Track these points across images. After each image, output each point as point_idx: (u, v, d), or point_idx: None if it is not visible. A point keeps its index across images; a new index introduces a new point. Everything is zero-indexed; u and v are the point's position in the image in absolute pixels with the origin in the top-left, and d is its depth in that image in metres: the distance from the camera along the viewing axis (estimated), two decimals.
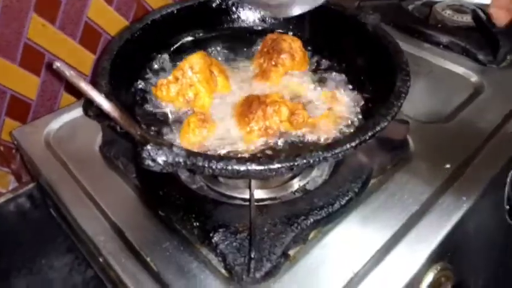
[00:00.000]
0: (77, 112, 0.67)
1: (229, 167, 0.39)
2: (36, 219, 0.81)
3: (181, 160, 0.39)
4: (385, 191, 0.55)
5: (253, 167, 0.39)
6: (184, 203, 0.50)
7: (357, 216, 0.52)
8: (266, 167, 0.39)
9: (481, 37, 0.82)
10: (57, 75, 0.75)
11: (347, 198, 0.51)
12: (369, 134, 0.42)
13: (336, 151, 0.40)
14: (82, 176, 0.58)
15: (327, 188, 0.53)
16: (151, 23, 0.59)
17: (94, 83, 0.48)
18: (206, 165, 0.39)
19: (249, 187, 0.47)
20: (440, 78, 0.76)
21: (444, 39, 0.83)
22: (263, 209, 0.50)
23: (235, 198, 0.54)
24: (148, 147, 0.38)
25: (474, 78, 0.76)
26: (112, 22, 0.78)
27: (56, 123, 0.66)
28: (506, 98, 0.70)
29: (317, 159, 0.39)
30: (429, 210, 0.52)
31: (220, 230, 0.47)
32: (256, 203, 0.49)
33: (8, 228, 0.79)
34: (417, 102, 0.67)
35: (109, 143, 0.59)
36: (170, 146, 0.39)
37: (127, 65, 0.54)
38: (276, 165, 0.39)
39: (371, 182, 0.56)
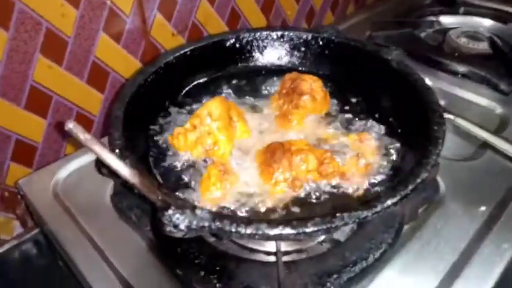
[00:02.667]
0: (86, 159, 0.63)
1: (260, 232, 0.35)
2: (43, 266, 0.78)
3: (205, 224, 0.36)
4: (420, 239, 0.51)
5: (286, 231, 0.35)
6: (204, 262, 0.46)
7: (392, 269, 0.48)
8: (300, 231, 0.35)
9: (500, 65, 0.79)
10: (65, 117, 0.73)
11: (381, 250, 0.47)
12: (410, 187, 0.38)
13: (377, 210, 0.36)
14: (91, 229, 0.55)
15: (357, 239, 0.49)
16: (164, 65, 0.56)
17: (108, 134, 0.45)
18: (234, 230, 0.35)
19: (276, 246, 0.43)
20: (462, 111, 0.73)
21: (462, 68, 0.81)
22: (291, 266, 0.46)
23: (259, 251, 0.50)
24: (170, 212, 0.34)
25: (498, 109, 0.73)
26: (120, 60, 0.76)
27: (64, 172, 0.62)
28: None
29: (356, 219, 0.36)
30: (469, 261, 0.49)
31: None
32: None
33: (14, 276, 0.76)
34: None
35: (121, 193, 0.55)
36: (193, 208, 0.36)
37: (141, 111, 0.52)
38: (312, 229, 0.35)
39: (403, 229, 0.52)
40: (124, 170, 0.34)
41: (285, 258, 0.47)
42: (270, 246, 0.49)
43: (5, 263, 0.74)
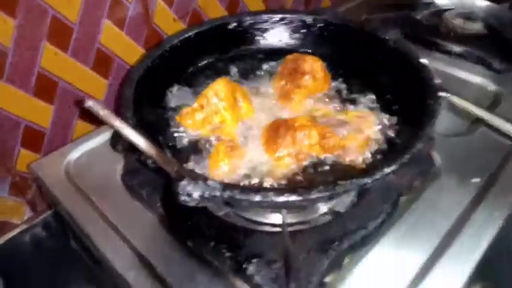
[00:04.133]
0: (96, 141, 0.66)
1: (268, 199, 0.38)
2: (53, 249, 0.79)
3: (217, 194, 0.38)
4: (416, 211, 0.54)
5: (292, 198, 0.38)
6: (213, 233, 0.49)
7: (390, 238, 0.51)
8: (305, 197, 0.38)
9: (494, 45, 0.81)
10: (71, 103, 0.75)
11: (379, 220, 0.50)
12: (407, 156, 0.41)
13: (376, 177, 0.39)
14: (104, 207, 0.57)
15: (357, 210, 0.52)
16: (169, 49, 0.58)
17: (119, 114, 0.47)
18: (243, 198, 0.38)
19: (282, 218, 0.45)
20: (457, 89, 0.75)
21: (457, 48, 0.83)
22: (295, 235, 0.48)
23: (265, 224, 0.53)
24: (184, 182, 0.37)
25: (491, 87, 0.75)
26: (123, 47, 0.77)
27: (74, 154, 0.65)
28: None
29: (357, 186, 0.38)
30: (462, 230, 0.51)
31: (254, 260, 0.46)
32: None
33: (25, 259, 0.77)
34: None
35: (132, 172, 0.58)
36: (205, 179, 0.38)
37: (149, 93, 0.54)
38: (316, 195, 0.38)
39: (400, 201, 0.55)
40: (142, 142, 0.36)
41: (289, 229, 0.50)
42: (276, 218, 0.52)
43: (16, 246, 0.75)
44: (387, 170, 0.39)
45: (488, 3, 0.96)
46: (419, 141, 0.42)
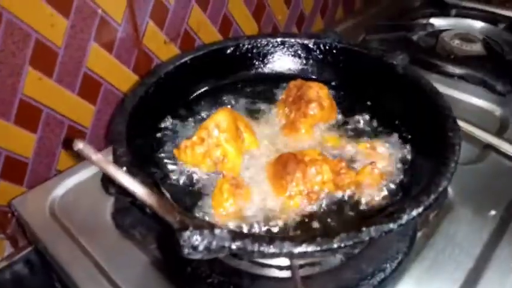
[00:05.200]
0: (84, 175, 0.61)
1: (284, 250, 0.33)
2: (36, 287, 0.74)
3: (225, 244, 0.34)
4: (434, 247, 0.50)
5: (311, 248, 0.33)
6: (216, 281, 0.44)
7: (410, 280, 0.47)
8: (326, 247, 0.34)
9: (495, 66, 0.80)
10: (56, 131, 0.70)
11: (397, 260, 0.46)
12: (433, 197, 0.37)
13: (402, 222, 0.35)
14: (92, 248, 0.52)
15: (372, 249, 0.48)
16: (164, 76, 0.54)
17: (112, 150, 0.43)
18: (256, 250, 0.33)
19: (292, 265, 0.41)
20: (462, 114, 0.73)
21: (458, 70, 0.81)
22: (307, 281, 0.44)
23: (271, 266, 0.48)
24: (188, 233, 0.32)
25: (497, 111, 0.73)
26: (112, 71, 0.73)
27: (60, 189, 0.59)
28: None
29: (383, 233, 0.34)
30: (486, 267, 0.48)
31: None
32: None
33: None
34: None
35: (123, 210, 0.53)
36: (212, 228, 0.34)
37: (144, 124, 0.49)
38: (337, 245, 0.34)
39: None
40: (140, 190, 0.31)
41: (300, 272, 0.45)
42: (283, 260, 0.47)
43: None
44: (413, 213, 0.35)
45: (484, 24, 0.95)
46: (444, 178, 0.39)
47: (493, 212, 0.54)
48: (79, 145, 0.30)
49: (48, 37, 0.62)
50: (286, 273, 0.46)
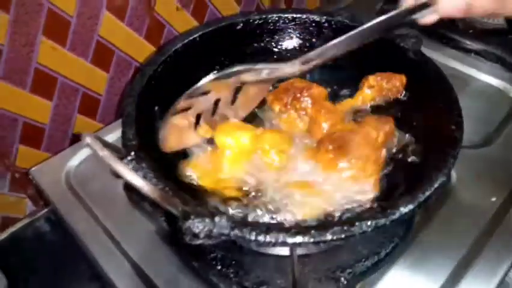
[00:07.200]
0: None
1: (280, 240, 0.36)
2: (56, 242, 0.78)
3: (225, 232, 0.36)
4: (430, 232, 0.52)
5: (306, 239, 0.35)
6: (220, 255, 0.47)
7: (404, 263, 0.49)
8: (319, 239, 0.36)
9: None
10: (71, 98, 0.72)
11: (393, 244, 0.48)
12: (428, 193, 0.38)
13: (395, 217, 0.36)
14: (105, 218, 0.56)
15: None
16: (173, 53, 0.54)
17: (121, 133, 0.44)
18: (253, 238, 0.36)
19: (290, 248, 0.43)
20: (475, 93, 0.72)
21: (476, 46, 0.78)
22: (304, 260, 0.47)
23: None
24: (190, 221, 0.35)
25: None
26: (124, 38, 0.73)
27: (75, 160, 0.62)
28: None
29: (375, 228, 0.36)
30: (479, 256, 0.50)
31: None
32: None
33: (28, 253, 0.77)
34: None
35: None
36: (213, 216, 0.36)
37: (153, 104, 0.50)
38: (330, 237, 0.36)
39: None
40: (144, 186, 0.33)
41: (298, 251, 0.48)
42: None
43: (18, 241, 0.74)
44: (406, 209, 0.37)
45: None
46: (441, 175, 0.39)
47: (493, 199, 0.55)
48: (87, 139, 0.32)
49: (60, 6, 0.62)
50: (285, 251, 0.49)
